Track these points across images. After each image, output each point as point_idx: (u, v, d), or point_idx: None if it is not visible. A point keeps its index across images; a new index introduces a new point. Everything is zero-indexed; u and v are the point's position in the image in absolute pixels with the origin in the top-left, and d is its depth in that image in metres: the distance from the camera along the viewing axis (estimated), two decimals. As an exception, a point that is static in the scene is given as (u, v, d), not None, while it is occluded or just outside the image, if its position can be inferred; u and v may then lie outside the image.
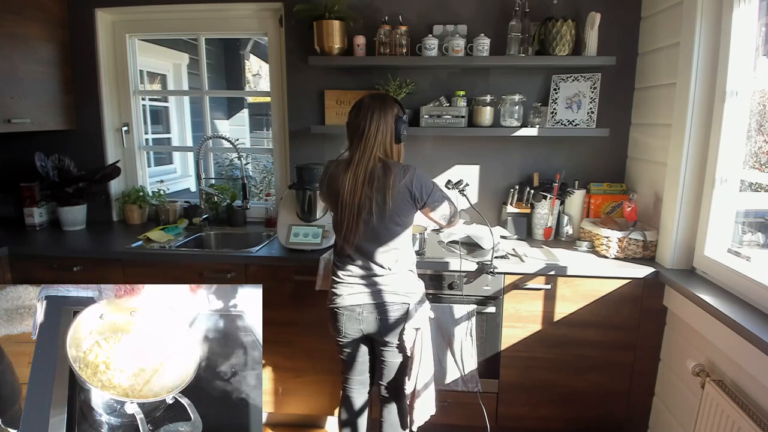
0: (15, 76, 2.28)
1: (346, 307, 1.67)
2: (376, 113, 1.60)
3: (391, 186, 1.56)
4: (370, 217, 1.60)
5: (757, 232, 2.05)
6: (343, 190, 1.60)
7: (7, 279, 2.20)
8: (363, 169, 1.58)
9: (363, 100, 1.65)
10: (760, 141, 1.94)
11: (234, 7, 2.53)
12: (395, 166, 1.60)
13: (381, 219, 1.60)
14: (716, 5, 1.74)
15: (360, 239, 1.62)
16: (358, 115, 1.62)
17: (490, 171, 2.51)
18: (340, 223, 1.64)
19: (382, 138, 1.61)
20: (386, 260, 1.65)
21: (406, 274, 1.70)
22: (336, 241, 1.73)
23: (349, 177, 1.59)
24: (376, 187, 1.58)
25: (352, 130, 1.65)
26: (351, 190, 1.59)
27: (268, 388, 2.22)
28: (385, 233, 1.63)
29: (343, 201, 1.61)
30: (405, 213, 1.63)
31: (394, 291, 1.66)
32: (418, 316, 1.69)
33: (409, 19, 2.34)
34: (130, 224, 2.68)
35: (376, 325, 1.68)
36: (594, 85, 2.31)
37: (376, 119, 1.60)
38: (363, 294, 1.66)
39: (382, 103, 1.64)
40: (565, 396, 2.10)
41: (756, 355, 1.38)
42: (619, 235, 2.05)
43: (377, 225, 1.61)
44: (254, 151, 5.99)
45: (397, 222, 1.63)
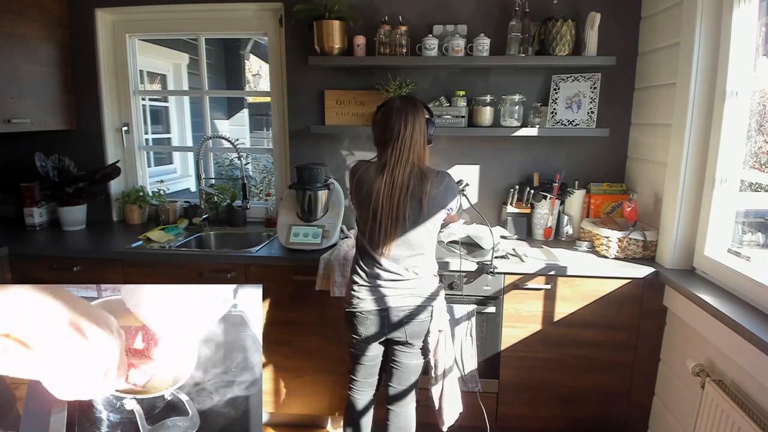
0: (15, 76, 2.28)
1: (370, 311, 1.66)
2: (410, 116, 1.59)
3: (427, 192, 1.56)
4: (404, 222, 1.59)
5: (757, 232, 2.05)
6: (379, 195, 1.58)
7: (7, 279, 2.20)
8: (400, 173, 1.57)
9: (393, 103, 1.64)
10: (760, 141, 1.94)
11: (234, 7, 2.53)
12: (431, 173, 1.60)
13: (414, 224, 1.60)
14: (716, 5, 1.74)
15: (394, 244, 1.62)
16: (391, 117, 1.60)
17: (490, 171, 2.51)
18: (372, 228, 1.61)
19: (417, 141, 1.60)
20: (413, 265, 1.65)
21: (431, 278, 1.71)
22: (361, 243, 1.70)
23: (385, 181, 1.57)
24: (412, 192, 1.57)
25: (383, 132, 1.63)
26: (388, 194, 1.57)
27: (268, 388, 2.22)
28: (415, 238, 1.62)
29: (379, 206, 1.58)
30: (437, 219, 1.64)
31: (420, 294, 1.67)
32: (441, 318, 1.70)
33: (409, 19, 2.34)
34: (130, 224, 2.67)
35: (401, 329, 1.67)
36: (594, 85, 2.31)
37: (411, 122, 1.59)
38: (389, 297, 1.65)
39: (414, 106, 1.63)
40: (565, 396, 2.10)
41: (756, 355, 1.38)
42: (619, 235, 2.05)
43: (409, 230, 1.60)
44: (254, 151, 5.99)
45: (428, 228, 1.62)
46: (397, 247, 1.62)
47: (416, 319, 1.67)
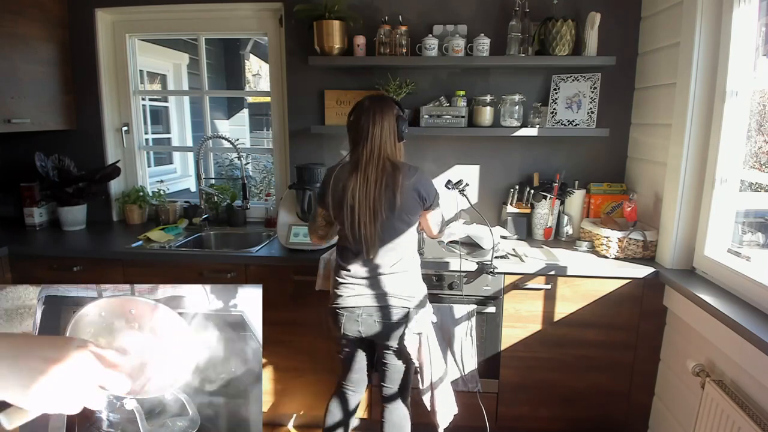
0: (15, 76, 2.28)
1: (347, 308, 1.67)
2: (378, 114, 1.61)
3: (400, 184, 1.57)
4: (381, 216, 1.60)
5: (757, 232, 2.05)
6: (354, 193, 1.59)
7: (7, 279, 2.20)
8: (373, 171, 1.58)
9: (363, 103, 1.65)
10: (760, 141, 1.94)
11: (234, 7, 2.53)
12: (403, 166, 1.61)
13: (390, 217, 1.60)
14: (716, 5, 1.74)
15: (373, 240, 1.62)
16: (360, 117, 1.62)
17: (490, 171, 2.51)
18: (351, 225, 1.61)
19: (387, 138, 1.61)
20: (389, 260, 1.65)
21: (408, 276, 1.69)
22: (341, 242, 1.72)
23: (359, 179, 1.59)
24: (385, 186, 1.58)
25: (354, 132, 1.65)
26: (363, 191, 1.58)
27: (268, 388, 2.22)
28: (391, 232, 1.63)
29: (356, 202, 1.59)
30: (412, 211, 1.64)
31: (393, 294, 1.66)
32: (419, 320, 1.68)
33: (409, 19, 2.34)
34: (130, 224, 2.68)
35: (375, 328, 1.67)
36: (594, 85, 2.31)
37: (379, 120, 1.60)
38: (364, 296, 1.66)
39: (382, 103, 1.64)
40: (565, 396, 2.10)
41: (756, 355, 1.38)
42: (619, 235, 2.05)
43: (385, 223, 1.61)
44: (254, 151, 5.99)
45: (404, 220, 1.63)
46: (375, 243, 1.62)
47: (388, 319, 1.65)
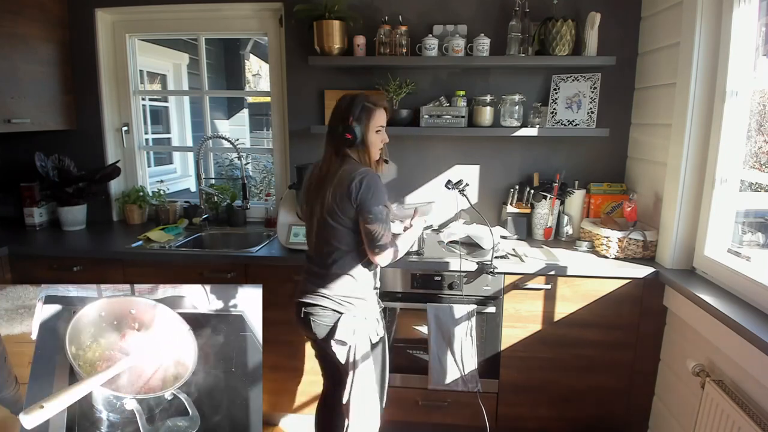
0: (15, 76, 2.28)
1: (296, 303, 1.69)
2: (337, 114, 1.61)
3: (335, 180, 1.56)
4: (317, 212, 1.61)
5: (757, 232, 2.05)
6: (306, 186, 1.68)
7: (7, 279, 2.20)
8: (325, 167, 1.62)
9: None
10: (760, 141, 1.94)
11: (234, 7, 2.53)
12: (349, 165, 1.58)
13: (321, 212, 1.60)
14: (716, 5, 1.74)
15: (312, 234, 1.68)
16: (331, 116, 1.66)
17: (490, 171, 2.51)
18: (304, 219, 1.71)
19: (341, 137, 1.58)
20: (322, 257, 1.64)
21: (345, 278, 1.62)
22: None
23: (312, 174, 1.67)
24: (325, 184, 1.59)
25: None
26: (307, 186, 1.67)
27: (268, 388, 2.22)
28: (323, 227, 1.61)
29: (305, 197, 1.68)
30: (342, 210, 1.55)
31: (325, 294, 1.62)
32: (348, 330, 1.60)
33: (409, 19, 2.34)
34: (130, 224, 2.68)
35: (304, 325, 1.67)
36: (594, 85, 2.31)
37: (339, 119, 1.60)
38: (302, 292, 1.68)
39: (348, 103, 1.60)
40: (565, 396, 2.10)
41: (756, 355, 1.38)
42: (619, 235, 2.05)
43: (318, 217, 1.62)
44: (254, 151, 5.99)
45: (333, 217, 1.57)
46: (314, 240, 1.67)
47: (319, 321, 1.63)
